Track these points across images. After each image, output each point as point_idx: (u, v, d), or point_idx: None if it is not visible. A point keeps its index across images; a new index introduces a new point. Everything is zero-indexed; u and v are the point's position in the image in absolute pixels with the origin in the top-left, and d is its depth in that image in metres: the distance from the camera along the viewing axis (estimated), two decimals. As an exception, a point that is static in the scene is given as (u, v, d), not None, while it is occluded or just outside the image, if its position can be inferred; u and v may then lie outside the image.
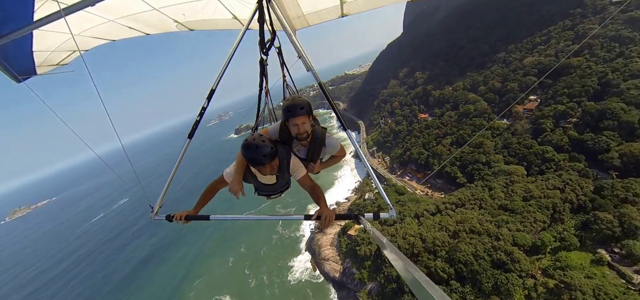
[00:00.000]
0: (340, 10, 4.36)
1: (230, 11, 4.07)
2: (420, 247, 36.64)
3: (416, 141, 67.81)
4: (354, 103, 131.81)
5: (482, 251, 31.78)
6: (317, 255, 52.13)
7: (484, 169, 48.66)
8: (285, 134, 3.18)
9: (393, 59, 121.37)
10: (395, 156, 70.80)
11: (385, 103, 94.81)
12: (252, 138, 2.71)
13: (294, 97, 3.10)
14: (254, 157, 2.66)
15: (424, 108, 77.48)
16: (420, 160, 62.26)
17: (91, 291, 65.65)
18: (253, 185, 3.42)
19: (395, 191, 55.78)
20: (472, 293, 29.88)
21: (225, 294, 52.22)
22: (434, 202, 46.05)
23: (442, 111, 69.99)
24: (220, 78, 3.41)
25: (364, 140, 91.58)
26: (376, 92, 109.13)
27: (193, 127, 3.52)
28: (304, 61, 3.24)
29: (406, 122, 77.90)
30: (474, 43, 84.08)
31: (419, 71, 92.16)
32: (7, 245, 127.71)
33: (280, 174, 3.10)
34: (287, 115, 2.96)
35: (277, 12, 3.26)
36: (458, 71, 78.87)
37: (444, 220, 39.48)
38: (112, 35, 4.29)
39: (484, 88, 66.09)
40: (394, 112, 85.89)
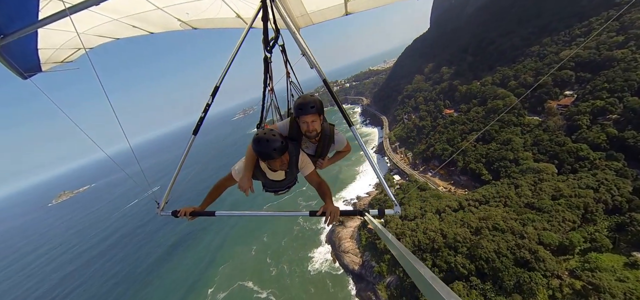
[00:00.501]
0: (344, 8, 4.38)
1: (234, 10, 4.07)
2: (440, 242, 36.53)
3: (440, 137, 66.53)
4: (377, 98, 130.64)
5: (504, 248, 31.20)
6: (337, 247, 53.24)
7: (511, 166, 47.04)
8: (294, 131, 3.23)
9: (418, 54, 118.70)
10: (418, 152, 69.94)
11: (409, 98, 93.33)
12: (262, 132, 2.76)
13: (306, 96, 3.12)
14: (264, 151, 2.70)
15: (450, 103, 75.52)
16: (444, 156, 61.08)
17: (128, 270, 71.58)
18: (261, 182, 3.45)
19: (417, 187, 55.36)
20: (492, 290, 29.54)
21: (248, 280, 54.80)
22: (456, 199, 45.37)
23: (469, 107, 67.92)
24: (224, 75, 3.43)
25: (387, 136, 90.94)
26: (400, 87, 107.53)
27: (198, 123, 3.55)
28: (308, 59, 3.24)
29: (430, 117, 76.42)
30: (506, 37, 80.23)
31: (445, 66, 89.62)
32: (54, 226, 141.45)
33: (289, 170, 3.14)
34: (298, 113, 3.03)
35: (281, 11, 3.26)
36: (487, 66, 75.84)
37: (466, 216, 38.94)
38: (116, 34, 4.33)
39: (515, 83, 63.28)
40: (418, 108, 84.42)
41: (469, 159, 55.21)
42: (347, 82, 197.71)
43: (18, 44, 3.16)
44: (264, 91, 4.61)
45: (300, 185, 3.88)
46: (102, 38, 4.25)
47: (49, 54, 3.97)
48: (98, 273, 75.65)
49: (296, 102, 3.07)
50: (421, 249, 37.62)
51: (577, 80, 54.67)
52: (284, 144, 2.74)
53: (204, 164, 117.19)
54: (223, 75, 3.43)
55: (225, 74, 3.43)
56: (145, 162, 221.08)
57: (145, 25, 4.16)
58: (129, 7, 3.55)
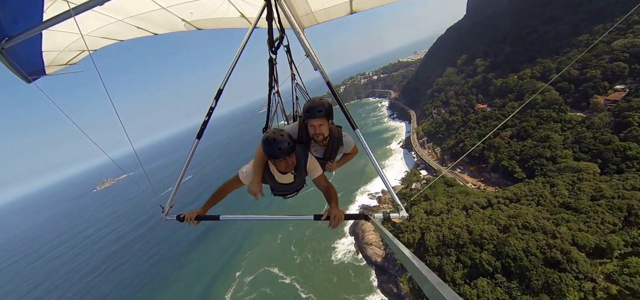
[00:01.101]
0: (349, 6, 4.35)
1: (238, 9, 4.05)
2: (466, 238, 36.09)
3: (471, 132, 64.29)
4: (406, 92, 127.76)
5: (534, 248, 30.23)
6: (361, 239, 54.16)
7: (547, 165, 44.62)
8: (303, 134, 3.24)
9: (451, 44, 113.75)
10: (446, 147, 68.16)
11: (439, 92, 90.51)
12: (271, 132, 2.78)
13: (315, 99, 3.10)
14: (271, 151, 2.72)
15: (483, 98, 72.26)
16: (474, 153, 59.05)
17: (164, 252, 77.79)
18: (269, 185, 3.45)
19: (444, 183, 54.36)
20: (518, 289, 28.92)
21: (273, 266, 57.52)
22: (485, 196, 44.12)
23: (504, 101, 64.69)
24: (228, 78, 3.41)
25: (415, 130, 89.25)
26: (430, 80, 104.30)
27: (201, 127, 3.52)
28: (312, 60, 3.24)
29: (461, 112, 73.79)
30: (551, 24, 74.41)
31: (480, 58, 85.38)
32: (99, 210, 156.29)
33: (297, 173, 3.13)
34: (307, 116, 3.04)
35: (285, 10, 3.22)
36: (526, 57, 71.19)
37: (494, 214, 37.93)
38: (120, 35, 4.32)
39: (557, 76, 59.00)
40: (449, 102, 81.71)
41: (501, 156, 53.05)
42: (376, 74, 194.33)
43: (22, 46, 3.16)
44: (269, 93, 4.52)
45: (306, 188, 3.90)
46: (106, 40, 4.25)
47: (53, 56, 3.97)
48: (138, 253, 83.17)
49: (305, 105, 3.09)
50: (446, 244, 37.45)
51: (630, 73, 49.90)
52: (291, 146, 2.76)
53: (234, 154, 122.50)
54: (226, 78, 3.40)
55: (229, 76, 3.41)
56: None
57: (149, 25, 4.17)
58: (133, 7, 3.54)
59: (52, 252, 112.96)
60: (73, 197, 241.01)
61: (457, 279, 32.57)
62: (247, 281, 56.00)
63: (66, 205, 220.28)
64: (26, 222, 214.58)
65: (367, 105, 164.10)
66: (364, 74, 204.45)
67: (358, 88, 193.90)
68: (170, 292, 60.41)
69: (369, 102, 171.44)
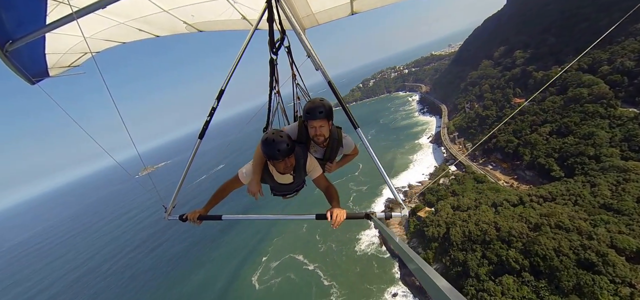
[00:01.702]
0: (350, 7, 4.37)
1: (239, 11, 4.05)
2: (493, 234, 35.28)
3: (506, 128, 61.20)
4: (438, 86, 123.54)
5: (566, 248, 28.95)
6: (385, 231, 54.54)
7: (590, 163, 41.68)
8: (303, 134, 3.25)
9: (489, 36, 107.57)
10: (478, 143, 65.58)
11: (473, 86, 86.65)
12: (270, 133, 2.78)
13: (315, 100, 3.10)
14: (270, 152, 2.73)
15: (521, 92, 68.23)
16: (508, 149, 56.44)
17: (199, 236, 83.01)
18: (269, 185, 3.45)
19: (473, 179, 52.79)
20: (547, 289, 28.01)
21: (298, 254, 59.72)
22: (517, 193, 42.39)
23: (544, 95, 60.58)
24: (230, 78, 3.43)
25: (445, 125, 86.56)
26: (464, 74, 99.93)
27: (203, 127, 3.55)
28: (313, 60, 3.24)
29: (496, 107, 70.38)
30: (605, 11, 67.71)
31: (520, 49, 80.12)
32: (140, 194, 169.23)
33: (296, 173, 3.14)
34: (307, 117, 3.05)
35: (286, 12, 3.23)
36: (573, 48, 65.66)
37: (526, 212, 36.51)
38: (122, 38, 4.34)
39: (608, 67, 54.14)
40: (483, 96, 78.12)
41: (537, 153, 50.31)
42: (406, 67, 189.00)
43: (26, 48, 3.20)
44: (270, 94, 4.58)
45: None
46: (108, 42, 4.29)
47: (57, 58, 4.01)
48: (175, 235, 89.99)
49: (305, 106, 3.09)
50: (471, 240, 36.88)
51: (696, 64, 44.59)
52: (290, 147, 2.77)
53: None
54: (228, 78, 3.42)
55: (230, 77, 3.43)
56: (214, 142, 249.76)
57: (151, 28, 4.21)
58: (135, 10, 3.58)
59: (102, 230, 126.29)
60: (119, 181, 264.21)
61: (482, 275, 32.18)
62: (272, 266, 58.87)
63: (113, 189, 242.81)
64: (78, 204, 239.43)
65: (397, 99, 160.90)
66: (395, 68, 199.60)
67: (388, 82, 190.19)
68: (204, 271, 65.51)
69: (398, 96, 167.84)
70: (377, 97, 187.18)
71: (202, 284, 61.71)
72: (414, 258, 1.44)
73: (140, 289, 66.71)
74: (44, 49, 3.65)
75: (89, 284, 77.95)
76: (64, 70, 4.36)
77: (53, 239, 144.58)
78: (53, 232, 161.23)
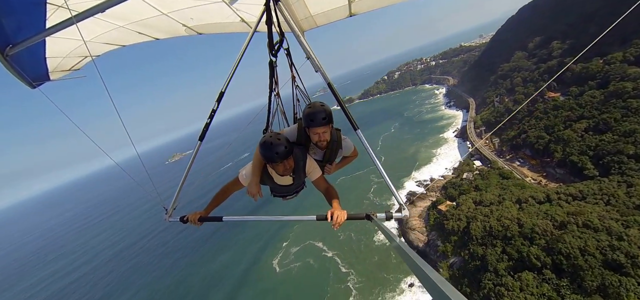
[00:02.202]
0: (348, 10, 4.39)
1: (238, 14, 4.05)
2: (515, 230, 34.66)
3: (537, 123, 58.55)
4: (466, 78, 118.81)
5: (593, 247, 28.02)
6: (404, 223, 54.78)
7: (628, 163, 39.15)
8: (302, 137, 3.24)
9: (524, 25, 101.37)
10: (506, 138, 63.25)
11: (504, 79, 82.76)
12: (268, 136, 2.80)
13: (316, 105, 3.06)
14: (268, 155, 2.76)
15: (556, 85, 64.36)
16: (538, 145, 54.04)
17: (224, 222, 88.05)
18: (269, 186, 3.48)
19: (498, 174, 51.34)
20: (568, 287, 27.41)
21: (318, 241, 61.43)
22: (544, 191, 40.96)
23: (582, 89, 56.93)
24: (230, 80, 3.43)
25: (472, 119, 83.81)
26: (495, 66, 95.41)
27: (203, 129, 3.56)
28: (313, 62, 3.23)
29: (528, 101, 66.99)
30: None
31: (558, 40, 75.20)
32: (170, 179, 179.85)
33: (296, 175, 3.16)
34: (309, 124, 3.01)
35: (284, 14, 3.24)
36: (618, 38, 60.67)
37: (552, 209, 35.36)
38: (122, 41, 4.33)
39: (657, 60, 49.80)
40: (514, 90, 74.62)
41: (570, 150, 47.88)
42: (433, 59, 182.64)
43: (27, 53, 3.19)
44: (269, 96, 4.59)
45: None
46: (108, 45, 4.29)
47: (57, 62, 4.01)
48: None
49: (306, 112, 3.04)
50: (492, 235, 36.47)
51: None
52: (288, 149, 2.79)
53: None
54: (228, 80, 3.43)
55: (230, 79, 3.43)
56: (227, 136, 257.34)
57: (150, 31, 4.22)
58: (134, 13, 3.58)
59: (135, 212, 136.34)
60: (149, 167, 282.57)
61: (500, 270, 31.95)
62: (292, 251, 61.25)
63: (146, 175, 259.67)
64: (112, 189, 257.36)
65: (423, 92, 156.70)
66: (421, 60, 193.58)
67: (414, 74, 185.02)
68: (230, 252, 69.54)
69: (424, 89, 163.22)
70: (402, 89, 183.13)
71: (226, 264, 65.68)
72: (415, 259, 1.46)
73: (172, 265, 72.39)
74: (45, 53, 3.68)
75: (127, 257, 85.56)
76: (64, 74, 4.36)
77: (92, 219, 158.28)
78: (90, 213, 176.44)
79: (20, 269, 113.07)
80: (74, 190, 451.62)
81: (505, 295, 29.08)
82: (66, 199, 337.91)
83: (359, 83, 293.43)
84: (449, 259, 40.65)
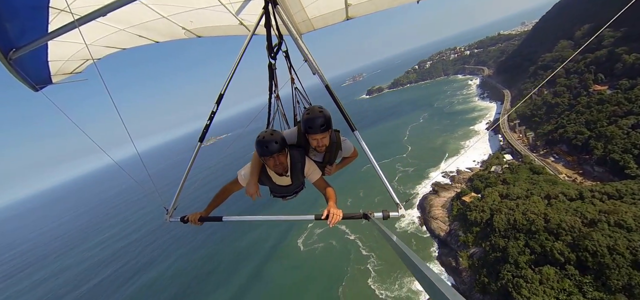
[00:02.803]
0: (345, 13, 4.46)
1: (237, 17, 4.10)
2: (540, 225, 34.19)
3: (577, 118, 55.25)
4: (502, 69, 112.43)
5: (622, 247, 27.25)
6: (427, 212, 55.28)
7: (677, 163, 36.53)
8: (302, 139, 3.29)
9: (571, 11, 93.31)
10: (542, 133, 60.37)
11: (545, 69, 77.81)
12: (263, 132, 2.91)
13: (314, 110, 3.02)
14: (260, 149, 2.87)
15: (604, 78, 59.74)
16: (577, 141, 51.24)
17: (252, 203, 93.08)
18: (268, 187, 3.55)
19: (529, 169, 49.76)
20: (591, 285, 27.11)
21: (341, 224, 63.32)
22: (577, 188, 39.47)
23: (634, 83, 52.51)
24: (229, 83, 3.47)
25: (506, 112, 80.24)
26: (535, 56, 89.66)
27: (203, 131, 3.65)
28: (310, 64, 3.26)
29: (569, 94, 63.00)
30: None
31: (611, 28, 68.84)
32: (207, 160, 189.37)
33: (294, 175, 3.25)
34: (308, 130, 3.02)
35: (283, 17, 3.25)
36: (682, 26, 54.84)
37: (583, 207, 34.29)
38: (123, 44, 4.40)
39: None
40: (555, 81, 69.97)
41: (613, 147, 45.09)
42: (468, 48, 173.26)
43: (30, 57, 3.25)
44: (269, 98, 4.58)
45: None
46: (109, 48, 4.34)
47: (59, 65, 4.05)
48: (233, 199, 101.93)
49: (304, 117, 3.05)
50: (516, 228, 36.24)
51: None
52: (280, 146, 2.87)
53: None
54: (227, 82, 3.45)
55: (229, 82, 3.46)
56: None
57: (151, 34, 4.27)
58: (135, 17, 3.64)
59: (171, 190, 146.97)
60: (188, 149, 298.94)
61: (521, 263, 32.03)
62: (316, 232, 64.10)
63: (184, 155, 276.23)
64: (157, 165, 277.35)
65: (455, 83, 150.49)
66: (455, 49, 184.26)
67: (446, 64, 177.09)
68: (258, 231, 74.18)
69: (457, 79, 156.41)
70: (433, 79, 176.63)
71: (255, 241, 70.37)
72: (412, 257, 1.47)
73: (206, 239, 78.93)
74: (47, 57, 3.71)
75: (167, 230, 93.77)
76: (66, 77, 4.40)
77: (123, 203, 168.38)
78: (121, 197, 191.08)
79: (84, 232, 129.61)
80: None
81: (523, 287, 29.37)
82: (104, 180, 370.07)
83: (390, 72, 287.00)
84: (470, 249, 40.95)
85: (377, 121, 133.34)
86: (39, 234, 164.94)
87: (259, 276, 58.24)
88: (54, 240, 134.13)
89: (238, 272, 61.23)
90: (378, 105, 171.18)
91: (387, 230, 2.25)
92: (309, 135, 3.06)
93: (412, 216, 58.65)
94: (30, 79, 3.51)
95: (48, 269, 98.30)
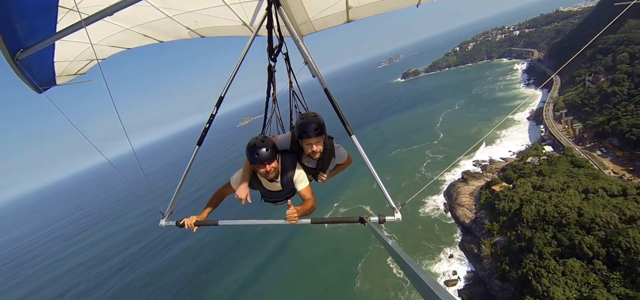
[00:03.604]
0: (346, 16, 4.50)
1: (240, 18, 4.10)
2: (572, 218, 32.83)
3: (636, 110, 49.93)
4: (555, 52, 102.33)
5: (660, 246, 25.73)
6: (453, 199, 54.71)
7: None
8: (295, 145, 3.27)
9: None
10: (591, 124, 55.48)
11: (605, 54, 69.88)
12: (254, 138, 2.92)
13: (308, 116, 3.05)
14: (250, 157, 2.87)
15: (675, 64, 52.71)
16: (631, 135, 46.65)
17: None
18: (259, 192, 3.55)
19: (570, 162, 46.67)
20: (619, 281, 26.06)
21: (366, 205, 64.92)
22: (621, 184, 36.71)
23: None
24: (229, 85, 3.47)
25: (552, 100, 74.16)
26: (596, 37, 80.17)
27: (202, 134, 3.58)
28: (311, 67, 3.24)
29: (630, 82, 56.54)
30: None
31: (693, 5, 59.49)
32: (243, 139, 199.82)
33: (284, 181, 3.25)
34: (301, 136, 3.01)
35: (285, 18, 3.25)
36: None
37: (623, 203, 32.17)
38: (128, 44, 4.44)
39: None
40: (616, 68, 62.93)
41: None
42: (518, 28, 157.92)
43: (36, 57, 3.22)
44: (266, 101, 4.60)
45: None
46: (114, 48, 4.37)
47: (64, 66, 4.07)
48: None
49: (298, 122, 3.06)
50: (545, 220, 35.14)
51: None
52: (271, 153, 2.86)
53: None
54: (228, 85, 3.47)
55: (230, 84, 3.48)
56: None
57: (155, 34, 4.28)
58: (140, 16, 3.65)
59: (208, 168, 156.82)
60: (223, 129, 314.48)
61: (545, 253, 31.38)
62: (341, 211, 66.15)
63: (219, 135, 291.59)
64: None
65: (498, 67, 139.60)
66: (502, 29, 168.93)
67: (491, 45, 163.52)
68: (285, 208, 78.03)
69: (501, 63, 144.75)
70: (474, 63, 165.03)
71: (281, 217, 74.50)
72: (407, 261, 1.48)
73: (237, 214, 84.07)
74: (53, 57, 3.71)
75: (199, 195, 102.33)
76: (70, 78, 4.39)
77: None
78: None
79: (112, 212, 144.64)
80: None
81: (543, 276, 29.00)
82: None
83: (428, 54, 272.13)
84: (494, 238, 40.46)
85: (410, 107, 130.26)
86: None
87: (283, 249, 62.13)
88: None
89: (266, 244, 65.78)
90: (412, 89, 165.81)
91: (383, 235, 2.28)
92: (302, 141, 3.06)
93: (438, 202, 58.33)
94: (35, 80, 3.51)
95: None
